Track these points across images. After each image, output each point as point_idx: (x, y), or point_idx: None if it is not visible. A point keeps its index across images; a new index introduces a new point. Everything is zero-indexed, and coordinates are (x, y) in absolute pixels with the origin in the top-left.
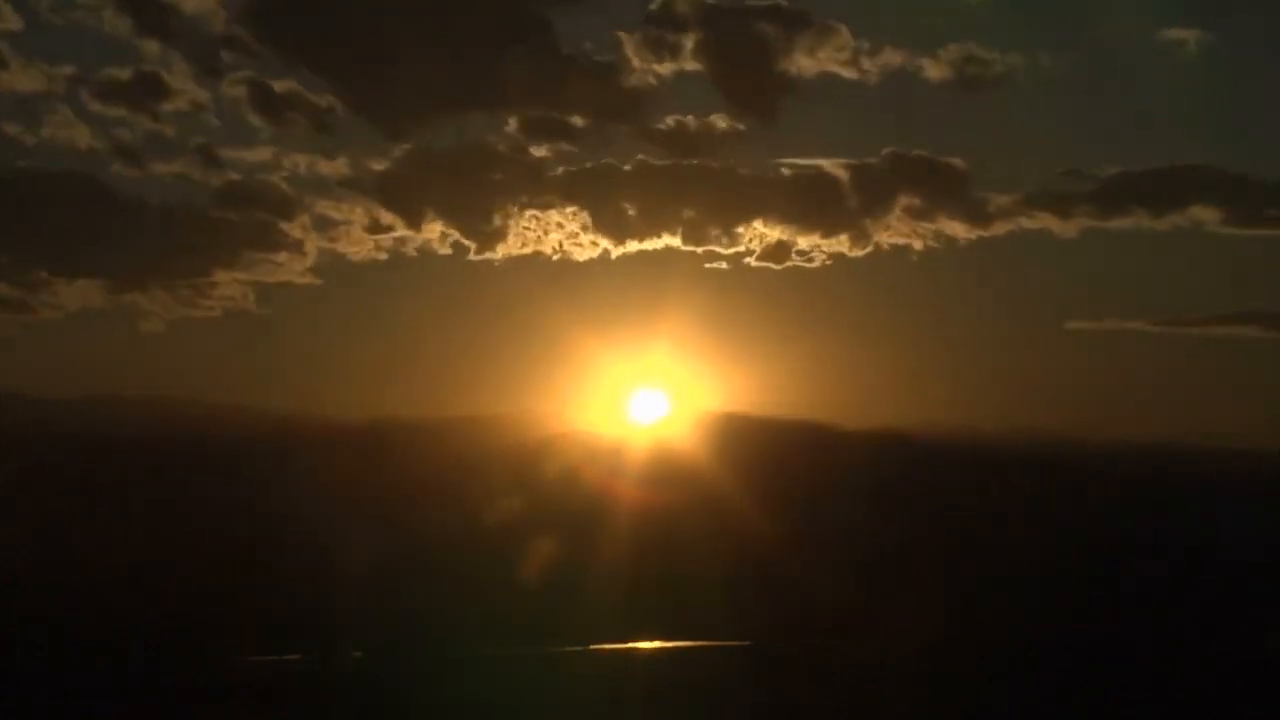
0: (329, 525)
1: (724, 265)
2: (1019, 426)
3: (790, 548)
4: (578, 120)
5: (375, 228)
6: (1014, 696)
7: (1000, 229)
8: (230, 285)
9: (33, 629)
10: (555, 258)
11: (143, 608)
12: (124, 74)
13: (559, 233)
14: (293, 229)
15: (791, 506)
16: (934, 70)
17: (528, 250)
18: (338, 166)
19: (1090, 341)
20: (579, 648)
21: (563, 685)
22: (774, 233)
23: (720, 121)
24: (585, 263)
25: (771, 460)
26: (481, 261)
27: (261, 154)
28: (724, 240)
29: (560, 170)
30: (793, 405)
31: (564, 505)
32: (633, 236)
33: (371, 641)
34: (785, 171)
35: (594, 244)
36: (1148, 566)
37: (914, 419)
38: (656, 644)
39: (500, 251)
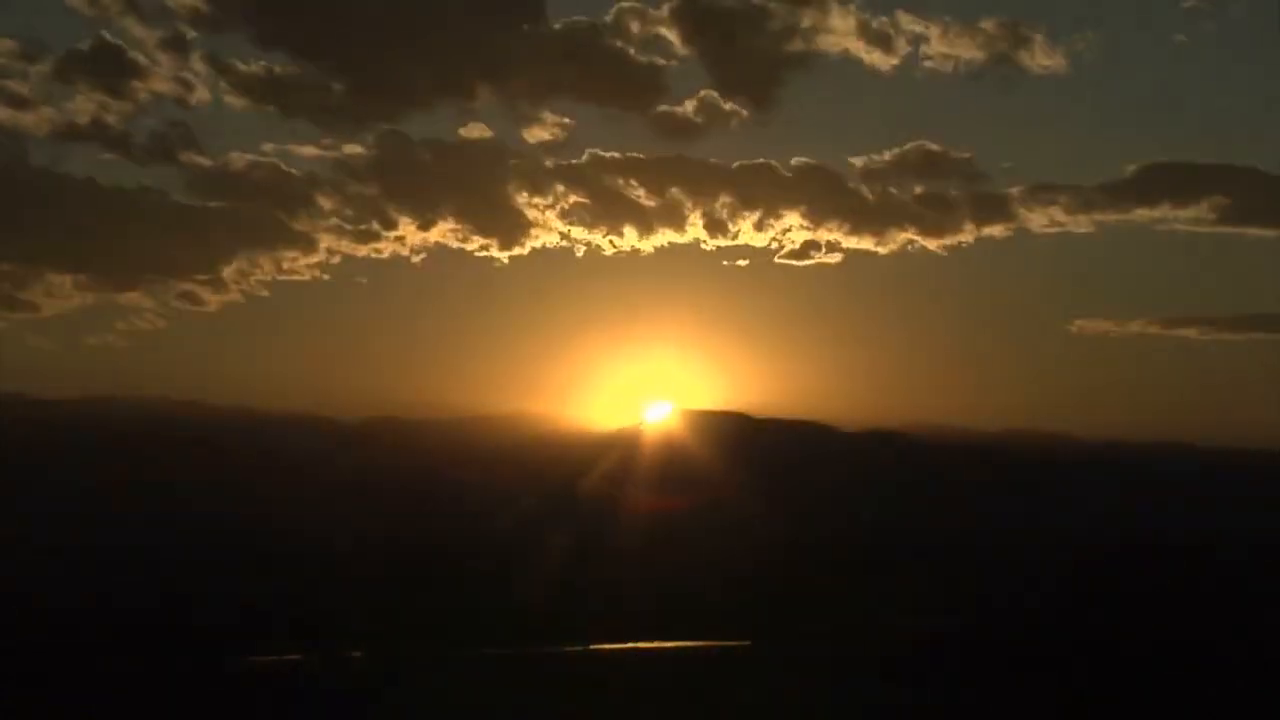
0: (329, 525)
1: (741, 261)
2: (1020, 427)
3: (790, 547)
4: (579, 107)
5: (382, 222)
6: (1014, 693)
7: (1012, 226)
8: (229, 282)
9: (33, 627)
10: (563, 253)
11: (143, 607)
12: (99, 54)
13: (570, 228)
14: (294, 223)
15: (793, 506)
16: (943, 47)
17: (533, 246)
18: (329, 155)
19: (1093, 342)
20: (579, 648)
21: (563, 685)
22: (780, 229)
23: (726, 108)
24: (594, 259)
25: (774, 460)
26: (484, 257)
27: (254, 143)
28: (727, 235)
29: (566, 162)
30: (795, 405)
31: (565, 505)
32: (643, 231)
33: (371, 641)
34: (794, 162)
35: (608, 239)
36: (1147, 565)
37: (915, 419)
38: (656, 644)
39: (504, 247)
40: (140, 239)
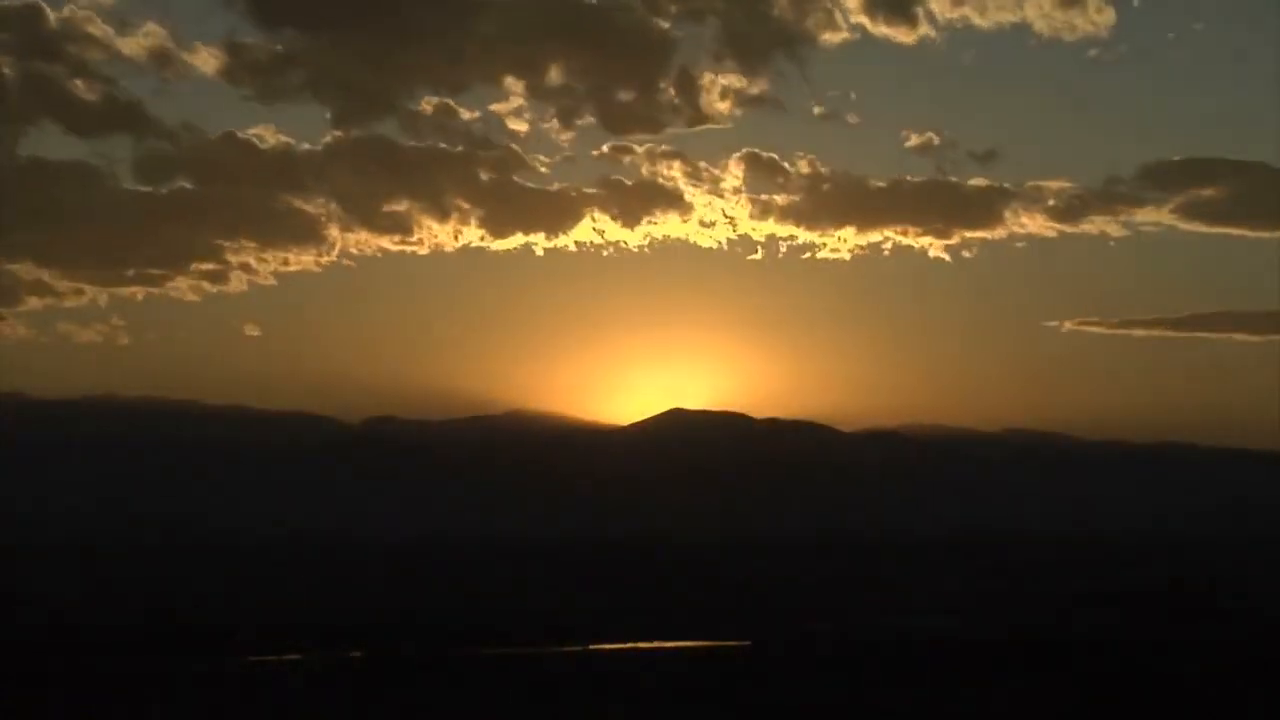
0: (329, 525)
1: (747, 256)
2: (1020, 426)
3: (789, 547)
4: (575, 87)
5: (382, 211)
6: (1014, 694)
7: (1016, 225)
8: (225, 276)
9: (33, 626)
10: (561, 248)
11: (142, 606)
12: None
13: (572, 221)
14: (290, 212)
15: (793, 506)
16: (957, 12)
17: (528, 241)
18: (322, 139)
19: (1093, 341)
20: (579, 648)
21: (563, 685)
22: (781, 224)
23: (723, 90)
24: (596, 256)
25: (774, 460)
26: (485, 252)
27: (245, 126)
28: (721, 230)
29: (562, 151)
30: (795, 405)
31: (564, 504)
32: (631, 222)
33: (372, 641)
34: (796, 153)
35: (602, 231)
36: (1147, 563)
37: (915, 419)
38: (656, 644)
39: (498, 238)
40: (139, 232)
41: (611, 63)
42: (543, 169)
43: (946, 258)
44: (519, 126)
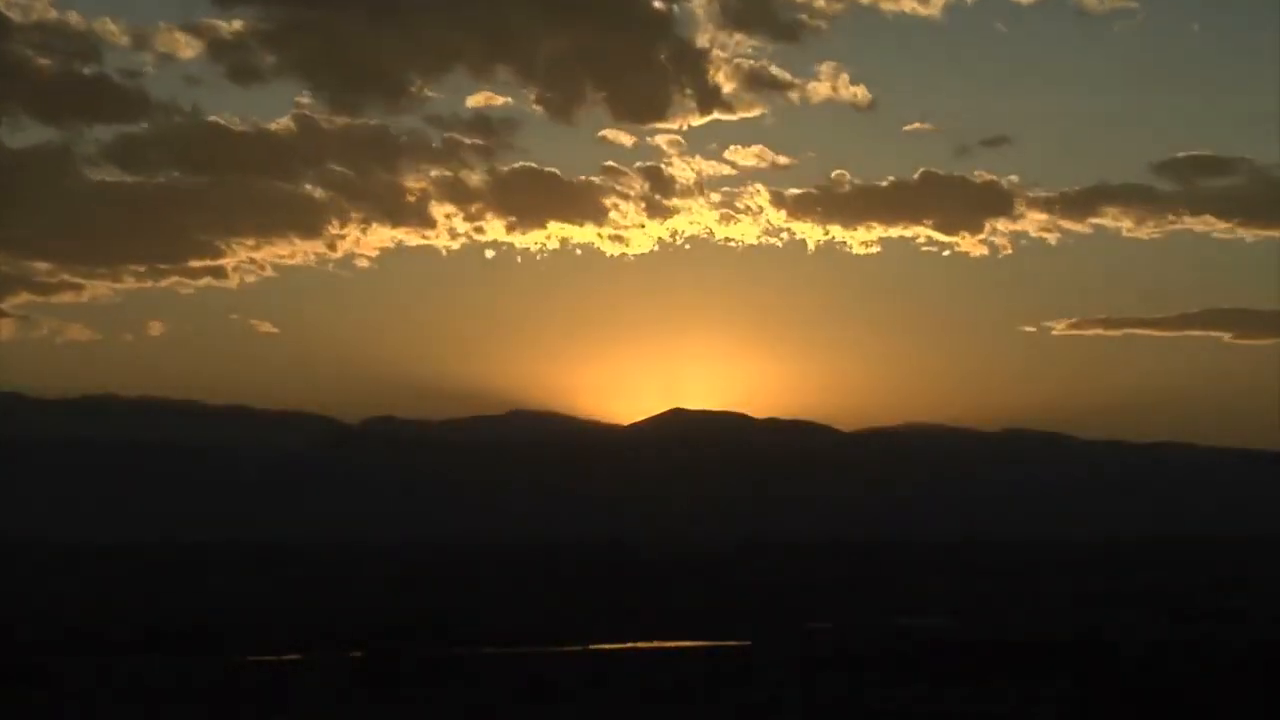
0: (329, 525)
1: (745, 252)
2: (1019, 427)
3: (789, 547)
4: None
5: (392, 212)
6: (1014, 693)
7: (1019, 225)
8: (226, 274)
9: (33, 626)
10: (561, 248)
11: (142, 606)
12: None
13: (574, 220)
14: (290, 203)
15: (793, 506)
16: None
17: (527, 240)
18: (321, 126)
19: (1092, 342)
20: (579, 648)
21: (563, 685)
22: (781, 221)
23: (726, 76)
24: (597, 255)
25: (774, 460)
26: (485, 250)
27: (240, 114)
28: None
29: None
30: (795, 405)
31: (565, 504)
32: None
33: (372, 641)
34: (797, 147)
35: (642, 230)
36: (1146, 563)
37: (914, 419)
38: (656, 644)
39: (501, 239)
40: (123, 220)
41: (616, 50)
42: (547, 162)
43: (964, 252)
44: (518, 119)
